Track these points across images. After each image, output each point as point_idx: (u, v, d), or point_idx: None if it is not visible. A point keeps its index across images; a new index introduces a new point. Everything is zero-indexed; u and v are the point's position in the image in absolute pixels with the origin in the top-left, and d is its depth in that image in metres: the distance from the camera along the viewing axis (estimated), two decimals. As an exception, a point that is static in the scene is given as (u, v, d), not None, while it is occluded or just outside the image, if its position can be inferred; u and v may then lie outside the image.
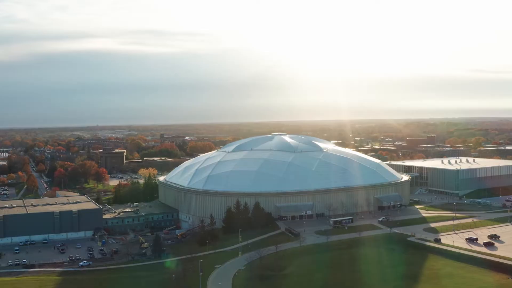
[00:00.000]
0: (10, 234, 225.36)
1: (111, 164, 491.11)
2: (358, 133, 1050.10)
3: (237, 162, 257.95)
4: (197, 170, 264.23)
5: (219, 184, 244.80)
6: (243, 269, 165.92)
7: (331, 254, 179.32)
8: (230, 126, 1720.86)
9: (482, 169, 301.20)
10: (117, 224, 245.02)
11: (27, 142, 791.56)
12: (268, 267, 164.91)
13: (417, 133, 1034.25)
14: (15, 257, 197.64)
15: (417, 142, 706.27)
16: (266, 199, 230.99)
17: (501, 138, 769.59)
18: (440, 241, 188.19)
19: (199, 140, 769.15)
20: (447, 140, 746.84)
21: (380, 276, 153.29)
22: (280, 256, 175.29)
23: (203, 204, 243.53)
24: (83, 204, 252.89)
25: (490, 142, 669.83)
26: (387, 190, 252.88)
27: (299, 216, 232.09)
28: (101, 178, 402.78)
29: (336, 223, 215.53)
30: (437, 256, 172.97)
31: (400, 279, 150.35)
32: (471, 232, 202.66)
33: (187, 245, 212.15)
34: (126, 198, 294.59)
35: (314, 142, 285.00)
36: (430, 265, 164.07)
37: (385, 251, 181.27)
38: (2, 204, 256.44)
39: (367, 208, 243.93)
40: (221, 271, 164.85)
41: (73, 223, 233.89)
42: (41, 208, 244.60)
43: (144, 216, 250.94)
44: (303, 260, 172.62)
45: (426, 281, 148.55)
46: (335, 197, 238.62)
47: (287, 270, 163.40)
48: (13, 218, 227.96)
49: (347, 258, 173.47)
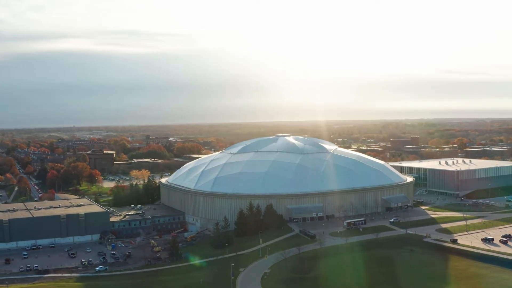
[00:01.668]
0: (15, 239, 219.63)
1: (101, 166, 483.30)
2: (339, 134, 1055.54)
3: (244, 163, 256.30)
4: (203, 172, 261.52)
5: (227, 186, 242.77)
6: (269, 272, 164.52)
7: (352, 255, 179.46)
8: (208, 127, 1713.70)
9: (481, 170, 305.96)
10: (124, 227, 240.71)
11: (7, 144, 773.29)
12: (294, 269, 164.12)
13: (397, 134, 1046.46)
14: (25, 262, 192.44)
15: (401, 143, 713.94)
16: (277, 201, 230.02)
17: (482, 139, 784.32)
18: (456, 242, 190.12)
19: (184, 141, 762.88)
20: (430, 141, 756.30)
21: (409, 278, 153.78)
22: (303, 258, 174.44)
23: (211, 206, 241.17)
24: (88, 207, 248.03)
25: (474, 143, 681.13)
26: (394, 191, 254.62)
27: (310, 218, 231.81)
28: (94, 180, 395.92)
29: (350, 225, 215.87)
30: (458, 257, 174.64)
31: (430, 280, 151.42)
32: (483, 232, 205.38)
33: (199, 248, 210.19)
34: (126, 200, 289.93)
35: (319, 143, 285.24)
36: (453, 266, 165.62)
37: (405, 252, 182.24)
38: (4, 207, 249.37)
39: (375, 210, 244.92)
40: (247, 274, 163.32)
41: (80, 227, 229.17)
42: (45, 211, 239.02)
43: (151, 219, 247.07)
44: (326, 262, 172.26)
45: (456, 282, 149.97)
46: (344, 199, 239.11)
47: (314, 272, 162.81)
48: (18, 222, 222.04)
49: (370, 259, 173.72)
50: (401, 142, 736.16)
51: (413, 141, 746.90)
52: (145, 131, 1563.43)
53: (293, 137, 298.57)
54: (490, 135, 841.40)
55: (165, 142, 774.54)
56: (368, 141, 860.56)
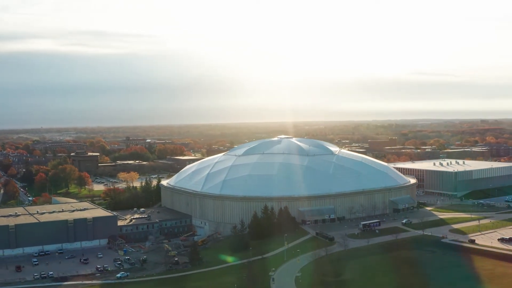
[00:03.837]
0: (22, 245, 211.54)
1: (85, 168, 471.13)
2: (313, 135, 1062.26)
3: (251, 166, 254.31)
4: (209, 174, 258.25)
5: (236, 188, 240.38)
6: (300, 275, 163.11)
7: (376, 257, 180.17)
8: (179, 128, 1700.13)
9: (478, 171, 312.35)
10: (132, 232, 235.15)
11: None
12: (325, 272, 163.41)
13: (370, 135, 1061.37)
14: (37, 270, 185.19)
15: (380, 144, 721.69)
16: (289, 203, 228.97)
17: (456, 139, 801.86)
18: (474, 242, 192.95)
19: (162, 143, 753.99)
20: (407, 142, 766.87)
21: (443, 279, 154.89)
22: (329, 261, 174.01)
23: (221, 209, 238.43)
24: (93, 211, 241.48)
25: (451, 144, 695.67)
26: (400, 192, 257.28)
27: (322, 220, 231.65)
28: (84, 182, 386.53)
29: (365, 227, 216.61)
30: (480, 257, 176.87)
31: (465, 281, 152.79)
32: (496, 232, 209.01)
33: (213, 251, 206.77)
34: (125, 203, 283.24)
35: (323, 145, 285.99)
36: (480, 266, 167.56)
37: (427, 253, 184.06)
38: (5, 212, 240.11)
39: (384, 211, 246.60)
40: (278, 278, 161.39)
41: (88, 231, 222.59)
42: (50, 216, 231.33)
43: (158, 222, 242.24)
44: (354, 265, 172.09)
45: (489, 282, 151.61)
46: (354, 200, 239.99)
47: (345, 275, 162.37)
48: (25, 228, 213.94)
49: (395, 261, 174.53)
50: (379, 143, 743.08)
51: (391, 142, 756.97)
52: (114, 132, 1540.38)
53: (296, 139, 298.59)
54: (463, 136, 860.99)
55: (142, 143, 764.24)
56: (343, 142, 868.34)
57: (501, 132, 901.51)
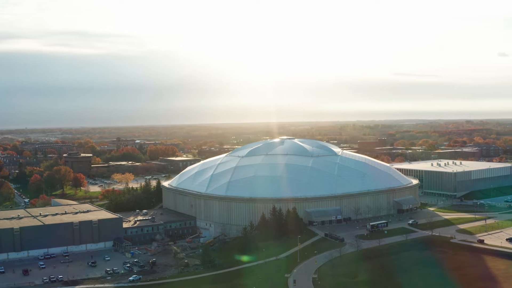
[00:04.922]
0: (27, 248, 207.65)
1: (78, 169, 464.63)
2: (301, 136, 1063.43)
3: (256, 167, 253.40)
4: (213, 175, 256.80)
5: (242, 189, 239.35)
6: (316, 277, 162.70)
7: (389, 258, 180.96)
8: (164, 129, 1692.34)
9: (476, 172, 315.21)
10: (137, 234, 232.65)
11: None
12: (340, 274, 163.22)
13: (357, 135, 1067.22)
14: (45, 273, 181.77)
15: (370, 145, 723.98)
16: (296, 204, 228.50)
17: (444, 140, 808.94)
18: (483, 242, 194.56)
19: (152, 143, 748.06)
20: (396, 143, 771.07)
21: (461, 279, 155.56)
22: (342, 262, 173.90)
23: (227, 210, 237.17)
24: (97, 213, 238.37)
25: (441, 144, 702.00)
26: (404, 193, 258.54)
27: (329, 221, 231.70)
28: (79, 184, 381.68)
29: (374, 227, 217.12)
30: (491, 257, 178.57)
31: (482, 281, 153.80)
32: (503, 232, 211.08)
33: (221, 253, 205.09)
34: (126, 205, 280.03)
35: (325, 145, 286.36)
36: (493, 266, 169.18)
37: (438, 253, 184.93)
38: (7, 214, 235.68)
39: (388, 212, 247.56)
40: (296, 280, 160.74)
41: (94, 234, 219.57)
42: (54, 218, 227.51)
43: (163, 224, 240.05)
44: (368, 266, 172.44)
45: (506, 282, 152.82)
46: (360, 201, 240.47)
47: (362, 276, 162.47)
48: (30, 230, 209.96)
49: (408, 261, 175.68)
50: (369, 144, 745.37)
51: (381, 143, 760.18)
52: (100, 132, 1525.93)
53: (298, 139, 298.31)
54: (451, 137, 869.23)
55: (132, 144, 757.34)
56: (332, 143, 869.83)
57: (488, 133, 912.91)
